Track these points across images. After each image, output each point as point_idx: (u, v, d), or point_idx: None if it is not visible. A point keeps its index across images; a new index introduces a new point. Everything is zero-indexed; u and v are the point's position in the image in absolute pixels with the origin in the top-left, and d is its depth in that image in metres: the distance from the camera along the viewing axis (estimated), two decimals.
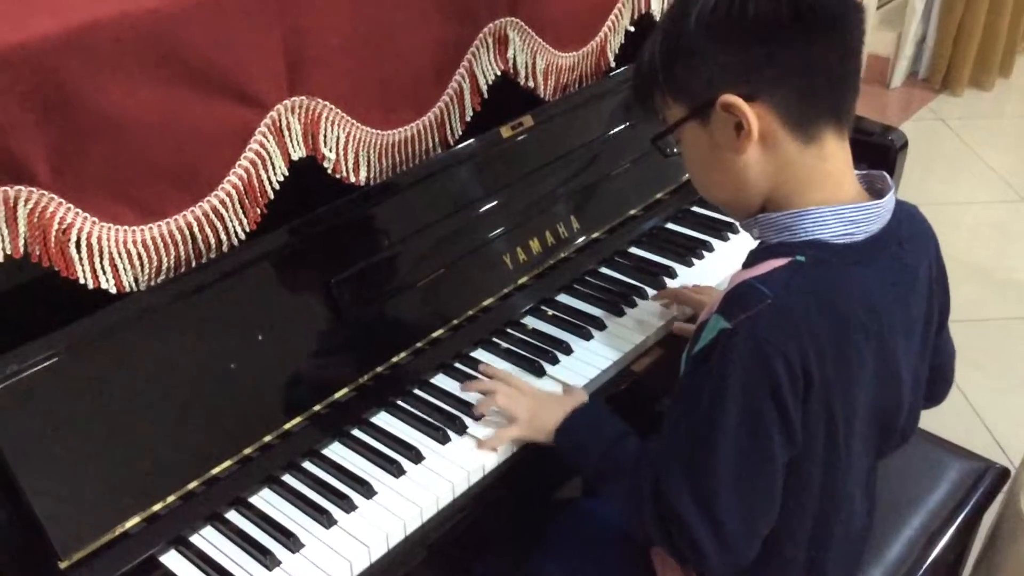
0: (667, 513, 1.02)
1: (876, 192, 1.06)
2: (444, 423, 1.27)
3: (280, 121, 1.21)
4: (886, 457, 1.18)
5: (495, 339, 1.44)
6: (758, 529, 1.02)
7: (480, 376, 1.35)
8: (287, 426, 1.23)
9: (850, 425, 1.03)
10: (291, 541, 1.12)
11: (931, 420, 1.29)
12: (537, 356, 1.39)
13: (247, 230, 1.22)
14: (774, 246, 1.03)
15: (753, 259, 1.05)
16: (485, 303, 1.45)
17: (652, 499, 1.04)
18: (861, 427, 1.06)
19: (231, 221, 1.20)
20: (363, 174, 1.35)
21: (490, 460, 1.23)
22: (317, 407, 1.25)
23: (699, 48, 0.99)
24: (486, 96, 1.49)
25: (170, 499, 1.12)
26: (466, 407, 1.30)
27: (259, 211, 1.23)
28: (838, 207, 1.00)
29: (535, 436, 1.23)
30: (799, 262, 0.99)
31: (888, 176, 1.06)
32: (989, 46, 4.07)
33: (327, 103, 1.26)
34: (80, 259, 1.07)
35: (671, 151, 1.12)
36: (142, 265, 1.13)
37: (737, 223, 1.10)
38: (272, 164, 1.22)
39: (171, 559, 1.12)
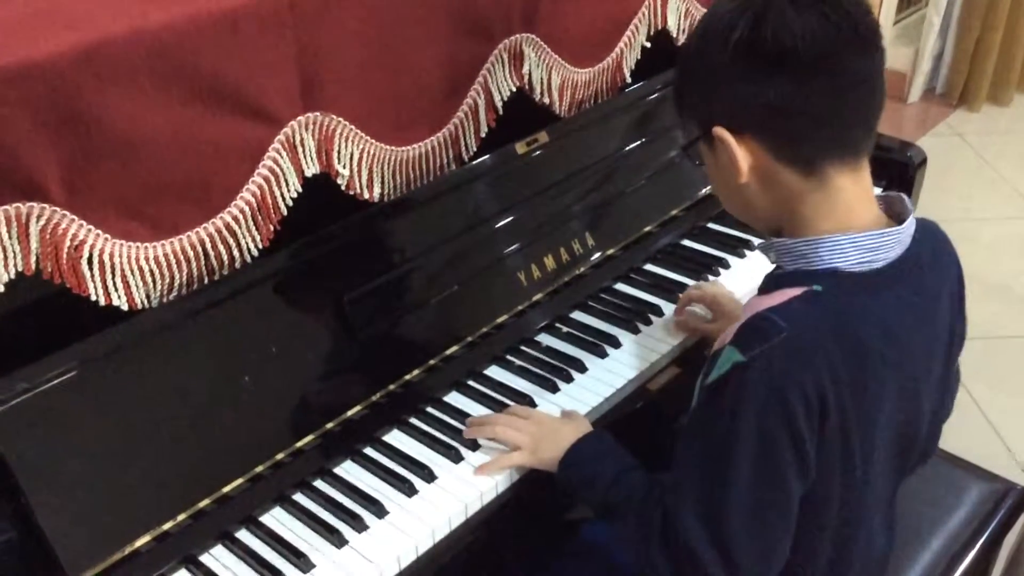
0: (679, 549, 1.00)
1: (895, 215, 1.04)
2: (457, 442, 1.26)
3: (294, 137, 1.21)
4: (906, 477, 1.16)
5: (509, 357, 1.43)
6: (772, 565, 1.00)
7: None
8: (299, 444, 1.22)
9: (868, 455, 1.01)
10: (301, 561, 1.11)
11: (950, 439, 1.27)
12: (551, 374, 1.38)
13: (260, 247, 1.22)
14: (790, 274, 1.02)
15: (769, 285, 1.03)
16: (499, 320, 1.44)
17: (662, 535, 1.02)
18: (880, 455, 1.04)
19: (244, 238, 1.20)
20: (377, 191, 1.35)
21: (503, 480, 1.22)
22: (329, 425, 1.25)
23: (699, 77, 1.02)
24: (501, 112, 1.49)
25: (180, 517, 1.12)
26: None
27: (272, 228, 1.22)
28: (856, 235, 0.98)
29: (539, 466, 1.21)
30: (816, 292, 0.97)
31: (907, 198, 1.04)
32: (1007, 61, 4.05)
33: (341, 119, 1.26)
34: (92, 276, 1.06)
35: (699, 163, 1.13)
36: (154, 282, 1.13)
37: (758, 246, 1.09)
38: (286, 180, 1.22)
39: None
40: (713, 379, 0.98)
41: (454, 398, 1.35)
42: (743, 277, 1.60)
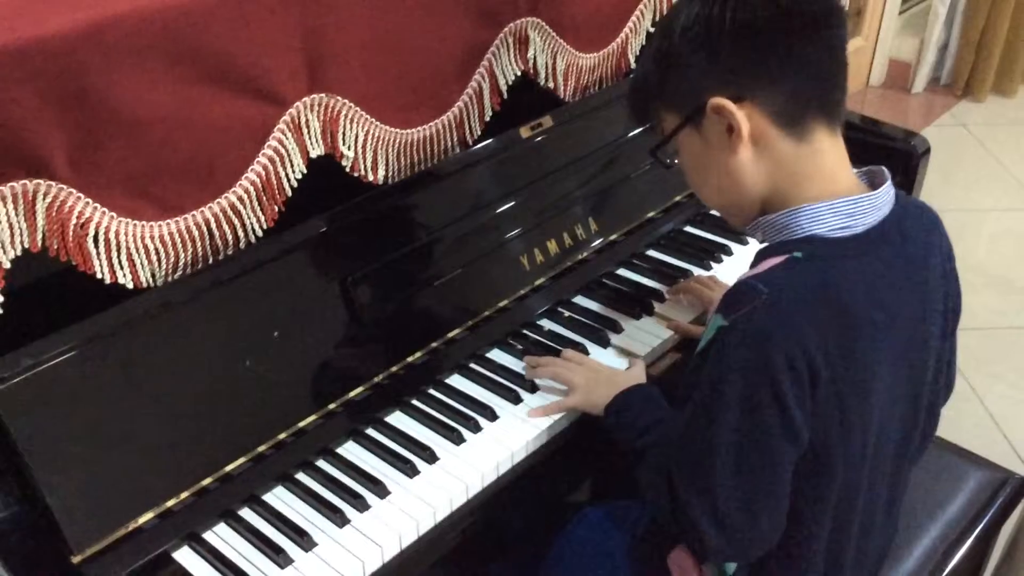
0: (676, 504, 1.03)
1: (876, 187, 1.06)
2: (459, 424, 1.27)
3: (299, 118, 1.21)
4: (908, 465, 1.16)
5: (511, 340, 1.43)
6: (761, 524, 1.01)
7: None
8: (302, 424, 1.22)
9: (867, 423, 1.02)
10: (304, 540, 1.11)
11: (949, 428, 1.28)
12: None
13: (264, 227, 1.22)
14: (774, 246, 1.04)
15: (756, 261, 1.06)
16: (501, 304, 1.44)
17: (668, 489, 1.04)
18: (881, 426, 1.05)
19: (249, 218, 1.20)
20: (381, 173, 1.35)
21: (504, 462, 1.22)
22: (332, 406, 1.25)
23: (686, 56, 1.03)
24: (506, 96, 1.49)
25: (184, 495, 1.12)
26: (482, 408, 1.29)
27: (277, 208, 1.22)
28: (832, 201, 1.01)
29: (589, 408, 1.26)
30: (796, 257, 0.99)
31: (885, 169, 1.07)
32: (1012, 52, 4.03)
33: (346, 101, 1.26)
34: (98, 254, 1.07)
35: (670, 162, 1.15)
36: (159, 261, 1.13)
37: (744, 229, 1.11)
38: (290, 161, 1.22)
39: (184, 556, 1.12)
40: (701, 347, 1.01)
41: (456, 380, 1.36)
42: (745, 263, 1.60)
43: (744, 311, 0.96)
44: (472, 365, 1.38)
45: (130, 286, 1.11)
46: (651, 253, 1.64)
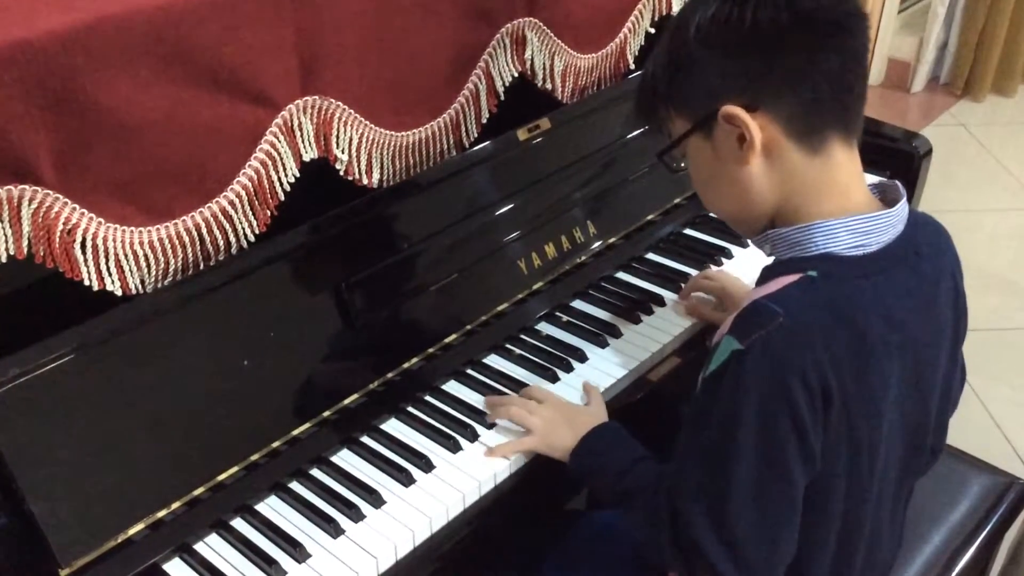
0: (685, 540, 0.99)
1: (888, 203, 1.03)
2: (456, 431, 1.25)
3: (292, 121, 1.19)
4: (915, 479, 1.15)
5: (509, 345, 1.41)
6: (779, 555, 0.99)
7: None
8: (295, 432, 1.20)
9: (875, 443, 1.00)
10: (298, 551, 1.09)
11: (951, 432, 1.26)
12: (551, 363, 1.36)
13: (257, 232, 1.20)
14: (786, 262, 1.01)
15: (765, 276, 1.02)
16: (499, 308, 1.42)
17: (670, 525, 1.01)
18: (887, 445, 1.03)
19: (240, 223, 1.18)
20: (376, 176, 1.33)
21: (502, 470, 1.20)
22: (326, 413, 1.23)
23: (700, 59, 0.98)
24: (502, 98, 1.47)
25: (175, 506, 1.10)
26: (479, 415, 1.27)
27: (269, 213, 1.20)
28: (848, 219, 0.98)
29: (548, 452, 1.21)
30: (811, 277, 0.96)
31: (900, 185, 1.04)
32: (1012, 52, 4.03)
33: (340, 103, 1.24)
34: (85, 260, 1.05)
35: (677, 166, 1.12)
36: (149, 267, 1.11)
37: (751, 240, 1.08)
38: (283, 165, 1.20)
39: (175, 567, 1.10)
40: (712, 369, 0.97)
41: (453, 387, 1.34)
42: (746, 266, 1.59)
43: (760, 334, 0.93)
44: (469, 371, 1.36)
45: (119, 293, 1.09)
46: (650, 256, 1.62)
